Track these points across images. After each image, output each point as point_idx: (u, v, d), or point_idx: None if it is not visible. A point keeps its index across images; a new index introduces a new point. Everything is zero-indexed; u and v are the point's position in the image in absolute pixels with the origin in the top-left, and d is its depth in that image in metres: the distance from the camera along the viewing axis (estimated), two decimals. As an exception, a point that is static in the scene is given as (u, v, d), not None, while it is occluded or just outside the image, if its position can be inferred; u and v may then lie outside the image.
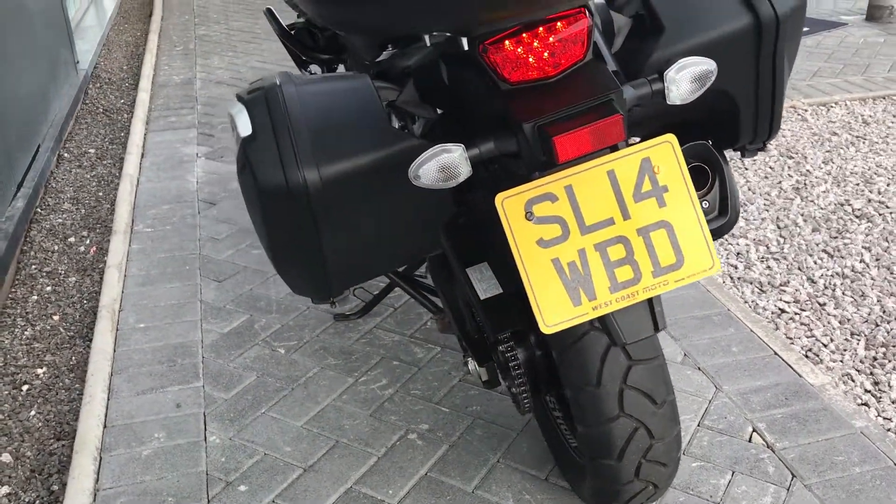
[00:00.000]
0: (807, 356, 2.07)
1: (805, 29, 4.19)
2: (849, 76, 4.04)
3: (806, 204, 2.84)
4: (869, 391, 1.94)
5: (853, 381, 1.98)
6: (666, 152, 1.08)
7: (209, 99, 4.04)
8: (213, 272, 2.46)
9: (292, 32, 2.41)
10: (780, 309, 2.27)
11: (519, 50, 1.07)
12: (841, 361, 2.05)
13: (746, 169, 3.10)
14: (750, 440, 1.70)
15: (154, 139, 3.54)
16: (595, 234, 1.07)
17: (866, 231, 2.65)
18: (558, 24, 1.07)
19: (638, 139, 1.31)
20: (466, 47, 1.08)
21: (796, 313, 2.25)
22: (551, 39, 1.07)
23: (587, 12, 1.09)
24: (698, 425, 1.74)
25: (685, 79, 1.07)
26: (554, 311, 1.08)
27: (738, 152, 1.43)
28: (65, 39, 4.11)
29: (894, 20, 4.92)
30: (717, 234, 1.32)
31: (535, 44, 1.07)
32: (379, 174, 1.17)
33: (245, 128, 1.16)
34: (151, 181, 3.12)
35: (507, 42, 1.07)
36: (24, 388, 2.01)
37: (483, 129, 1.10)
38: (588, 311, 1.08)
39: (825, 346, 2.11)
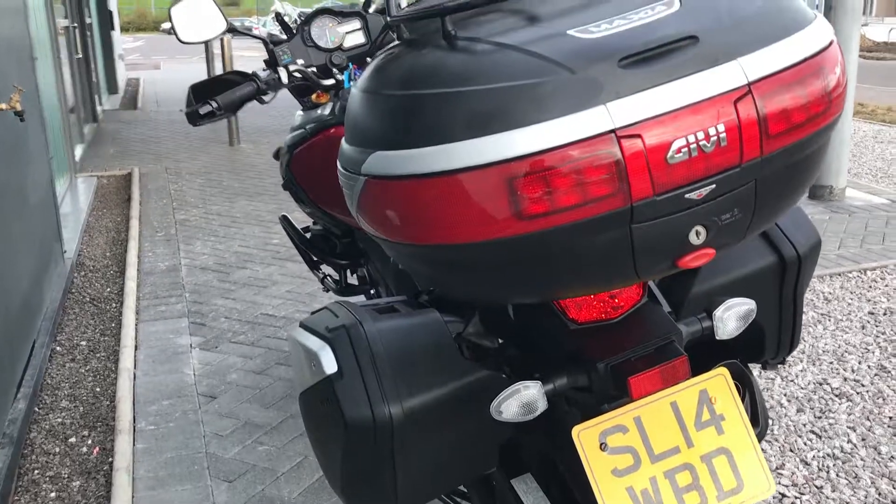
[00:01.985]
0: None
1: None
2: (804, 254, 4.32)
3: (787, 384, 2.99)
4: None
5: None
6: (720, 384, 1.20)
7: (196, 286, 4.13)
8: (223, 472, 2.47)
9: (308, 236, 2.55)
10: (781, 494, 2.36)
11: None
12: (849, 547, 2.12)
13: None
14: None
15: (146, 330, 3.58)
16: (664, 461, 1.17)
17: (847, 410, 2.79)
18: None
19: None
20: None
21: (797, 497, 2.34)
22: None
23: None
24: None
25: (732, 318, 1.22)
26: None
27: (761, 366, 1.57)
28: (54, 227, 4.21)
29: (835, 198, 5.32)
30: None
31: None
32: (453, 404, 1.27)
33: (330, 365, 1.25)
34: (148, 375, 3.14)
35: None
36: None
37: (552, 363, 1.21)
38: None
39: (831, 531, 2.18)
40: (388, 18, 1.11)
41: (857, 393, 2.90)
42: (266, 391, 2.98)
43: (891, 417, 2.74)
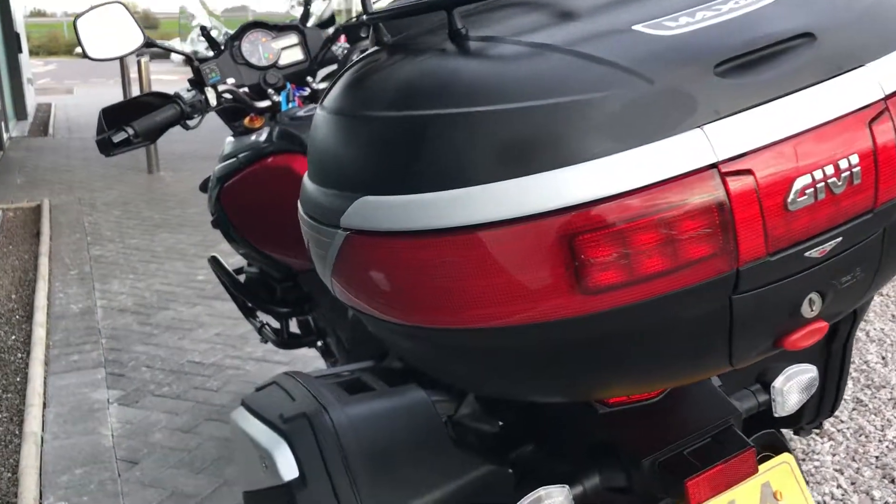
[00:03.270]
0: None
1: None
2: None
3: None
4: None
5: None
6: (785, 474, 0.96)
7: (114, 331, 3.74)
8: (148, 556, 2.13)
9: (241, 281, 2.24)
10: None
11: None
12: None
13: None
14: None
15: (56, 384, 3.19)
16: (724, 580, 0.92)
17: (832, 451, 2.61)
18: None
19: None
20: None
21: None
22: None
23: None
24: None
25: (794, 390, 0.98)
26: None
27: (793, 432, 1.34)
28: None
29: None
30: None
31: None
32: None
33: (289, 469, 0.96)
34: (59, 438, 2.76)
35: None
36: None
37: (576, 457, 0.95)
38: None
39: None
40: (365, 17, 0.83)
41: (839, 431, 2.73)
42: (195, 453, 2.63)
43: (877, 457, 2.57)
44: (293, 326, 2.29)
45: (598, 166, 0.64)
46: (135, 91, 7.83)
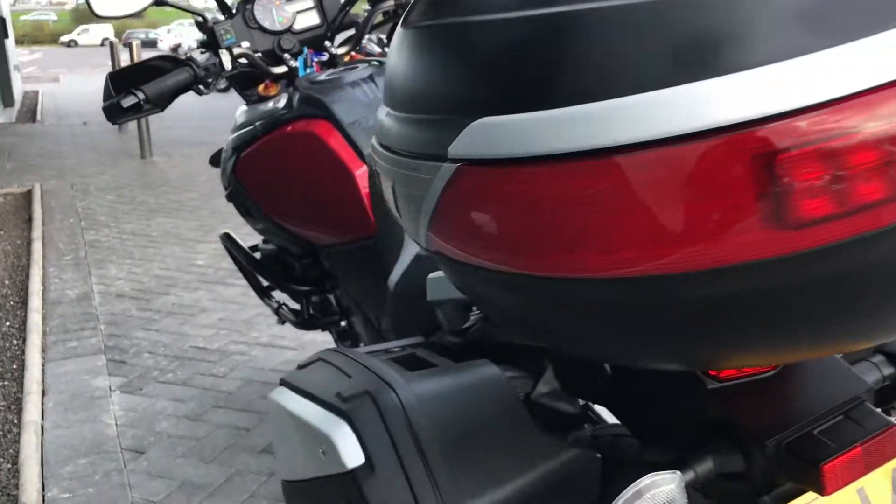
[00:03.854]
0: None
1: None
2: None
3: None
4: None
5: None
6: (918, 458, 0.84)
7: (113, 317, 3.60)
8: (159, 550, 2.00)
9: (257, 257, 2.11)
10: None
11: None
12: None
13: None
14: None
15: (55, 371, 3.05)
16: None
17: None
18: None
19: None
20: None
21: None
22: None
23: None
24: None
25: None
26: None
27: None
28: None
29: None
30: None
31: None
32: (533, 498, 0.87)
33: (354, 455, 0.84)
34: (60, 427, 2.63)
35: None
36: None
37: (682, 438, 0.83)
38: None
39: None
40: None
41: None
42: (204, 442, 2.51)
43: None
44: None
45: (803, 65, 0.51)
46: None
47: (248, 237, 2.16)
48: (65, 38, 45.55)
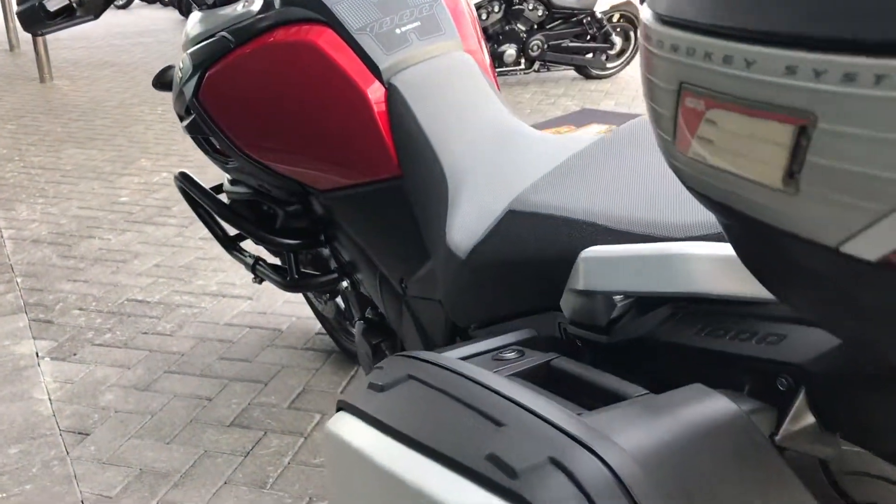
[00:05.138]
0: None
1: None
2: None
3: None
4: None
5: None
6: None
7: (30, 267, 3.13)
8: (124, 561, 1.65)
9: (226, 202, 1.71)
10: None
11: None
12: None
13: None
14: None
15: (-33, 336, 2.60)
16: None
17: None
18: None
19: None
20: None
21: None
22: None
23: None
24: None
25: None
26: None
27: None
28: None
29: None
30: None
31: None
32: None
33: None
34: (-19, 407, 2.21)
35: None
36: None
37: None
38: None
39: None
40: None
41: None
42: (160, 417, 2.13)
43: None
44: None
45: None
46: None
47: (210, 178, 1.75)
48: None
